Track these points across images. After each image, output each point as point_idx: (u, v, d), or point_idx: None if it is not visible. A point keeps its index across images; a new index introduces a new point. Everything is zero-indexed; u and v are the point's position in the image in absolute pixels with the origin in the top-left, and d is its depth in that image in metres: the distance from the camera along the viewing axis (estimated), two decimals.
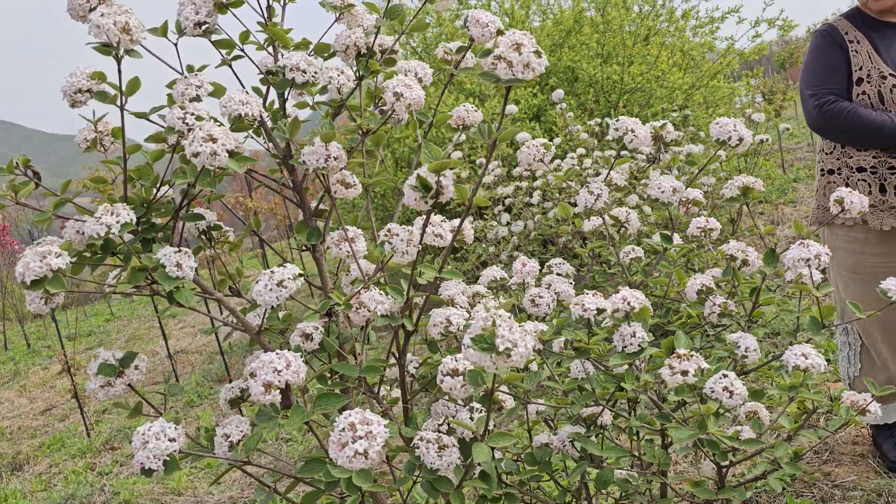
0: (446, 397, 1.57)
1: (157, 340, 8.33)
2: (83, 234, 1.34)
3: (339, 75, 1.28)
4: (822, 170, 2.46)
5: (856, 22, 2.40)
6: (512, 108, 5.20)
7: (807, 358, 1.15)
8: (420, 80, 1.37)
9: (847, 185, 2.34)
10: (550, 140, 5.57)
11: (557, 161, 4.34)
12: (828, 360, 3.37)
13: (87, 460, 4.77)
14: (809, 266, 1.24)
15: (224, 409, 1.59)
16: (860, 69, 2.30)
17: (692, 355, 1.11)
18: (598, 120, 4.80)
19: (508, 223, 4.49)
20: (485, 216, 4.78)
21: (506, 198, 4.62)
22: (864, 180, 2.31)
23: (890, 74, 2.27)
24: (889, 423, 2.51)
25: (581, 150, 4.41)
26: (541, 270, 1.74)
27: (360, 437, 0.99)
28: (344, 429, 1.00)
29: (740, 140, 1.40)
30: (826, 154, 2.44)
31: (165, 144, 1.33)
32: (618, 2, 6.32)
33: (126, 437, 5.11)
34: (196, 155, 1.13)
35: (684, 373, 1.08)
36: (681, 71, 6.37)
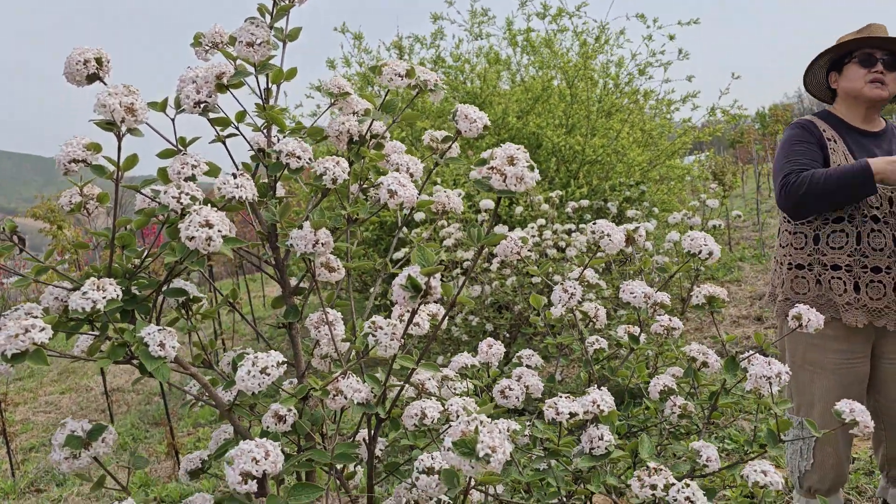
0: (409, 481, 1.58)
1: (91, 375, 8.05)
2: (61, 300, 1.33)
3: (334, 166, 1.31)
4: (790, 264, 2.49)
5: (831, 123, 2.49)
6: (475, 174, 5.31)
7: (766, 475, 1.20)
8: (412, 176, 1.42)
9: (819, 283, 2.40)
10: (509, 206, 5.69)
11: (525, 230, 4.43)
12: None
13: (10, 502, 4.55)
14: (771, 383, 1.31)
15: (183, 481, 1.56)
16: (837, 167, 2.34)
17: (661, 469, 1.15)
18: (560, 192, 4.92)
19: (466, 286, 4.54)
20: (443, 278, 4.82)
21: (464, 261, 4.68)
22: (840, 278, 2.36)
23: None
24: None
25: (541, 221, 4.51)
26: (494, 333, 1.78)
27: None
28: None
29: (710, 254, 1.47)
30: (796, 249, 2.47)
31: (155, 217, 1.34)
32: (585, 74, 6.56)
33: (53, 479, 4.90)
34: (191, 239, 1.14)
35: (653, 486, 1.12)
36: (640, 147, 6.61)
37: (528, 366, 1.62)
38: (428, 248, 1.16)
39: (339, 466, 1.45)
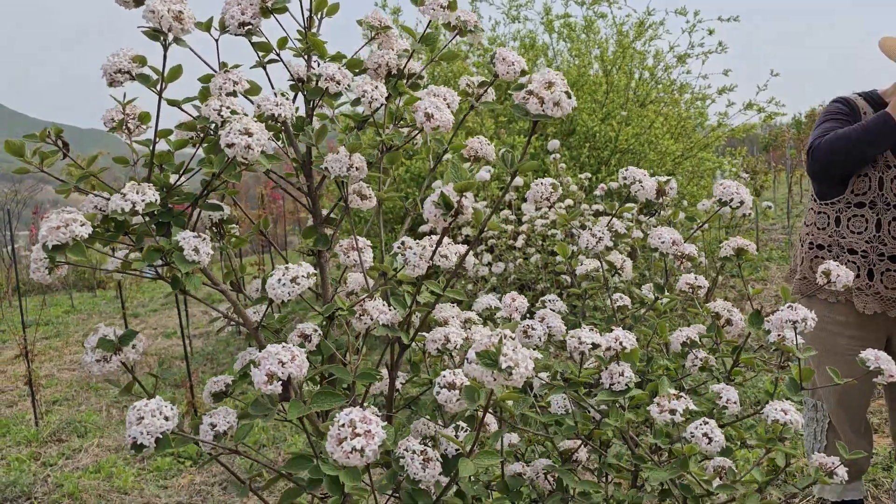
0: (427, 416, 1.61)
1: None
2: (100, 209, 1.36)
3: (373, 90, 1.33)
4: (812, 244, 2.47)
5: (873, 104, 2.41)
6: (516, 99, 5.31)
7: (786, 413, 1.20)
8: (448, 105, 1.43)
9: None
10: None
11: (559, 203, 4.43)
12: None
13: (33, 449, 4.66)
14: (795, 328, 1.30)
15: (207, 403, 1.60)
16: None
17: (681, 396, 1.16)
18: (589, 175, 4.91)
19: (490, 263, 4.55)
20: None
21: (490, 238, 4.69)
22: (854, 262, 2.34)
23: (895, 165, 2.30)
24: (845, 500, 2.58)
25: (569, 202, 4.50)
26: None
27: (359, 435, 1.01)
28: (344, 424, 1.03)
29: (741, 203, 1.47)
30: (819, 229, 2.45)
31: (192, 134, 1.37)
32: (622, 64, 6.53)
33: (75, 431, 5.00)
34: (230, 146, 1.17)
35: (672, 412, 1.13)
36: (673, 139, 6.57)
37: (551, 309, 1.63)
38: (462, 166, 1.17)
39: (358, 389, 1.47)
